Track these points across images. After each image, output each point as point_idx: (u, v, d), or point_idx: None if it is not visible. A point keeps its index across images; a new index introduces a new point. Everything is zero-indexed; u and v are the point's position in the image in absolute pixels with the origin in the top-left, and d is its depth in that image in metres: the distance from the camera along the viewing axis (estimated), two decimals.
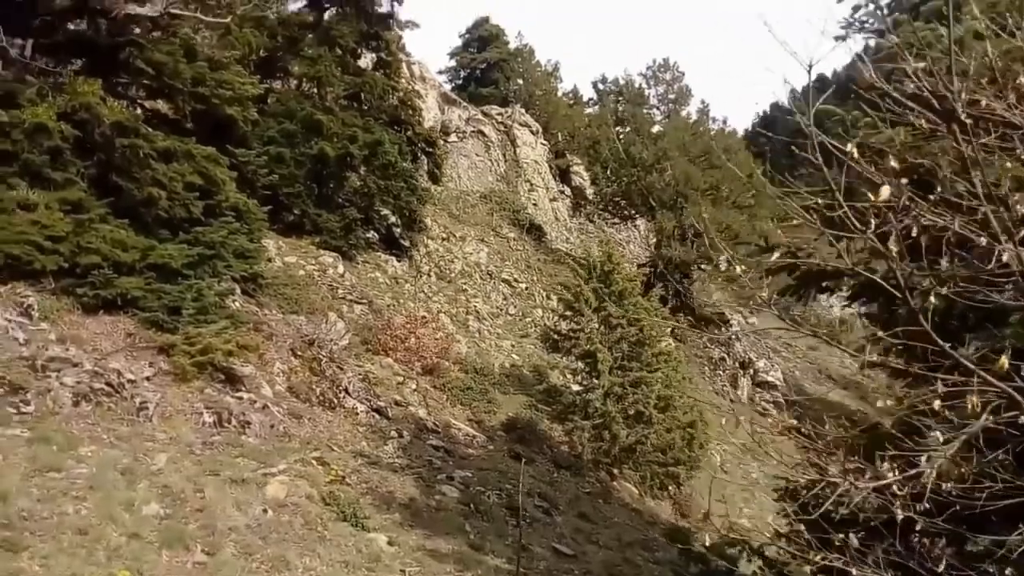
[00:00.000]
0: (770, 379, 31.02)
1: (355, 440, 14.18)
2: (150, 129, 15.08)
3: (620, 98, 33.42)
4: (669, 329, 20.67)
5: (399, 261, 25.06)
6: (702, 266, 30.24)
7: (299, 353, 15.51)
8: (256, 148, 20.29)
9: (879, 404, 4.97)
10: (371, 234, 24.89)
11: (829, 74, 40.36)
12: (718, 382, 30.20)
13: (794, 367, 39.34)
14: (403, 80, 28.91)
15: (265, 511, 9.83)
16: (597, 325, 18.46)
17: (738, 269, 4.33)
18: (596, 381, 18.49)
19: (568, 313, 19.38)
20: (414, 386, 17.83)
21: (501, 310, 26.70)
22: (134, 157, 14.47)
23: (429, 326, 20.03)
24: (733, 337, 33.13)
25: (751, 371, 31.10)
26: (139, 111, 16.66)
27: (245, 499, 9.92)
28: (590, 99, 55.73)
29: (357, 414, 15.13)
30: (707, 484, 20.36)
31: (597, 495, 16.42)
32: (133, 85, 16.79)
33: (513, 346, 24.00)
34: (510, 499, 13.76)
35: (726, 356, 31.72)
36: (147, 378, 12.37)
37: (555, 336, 19.79)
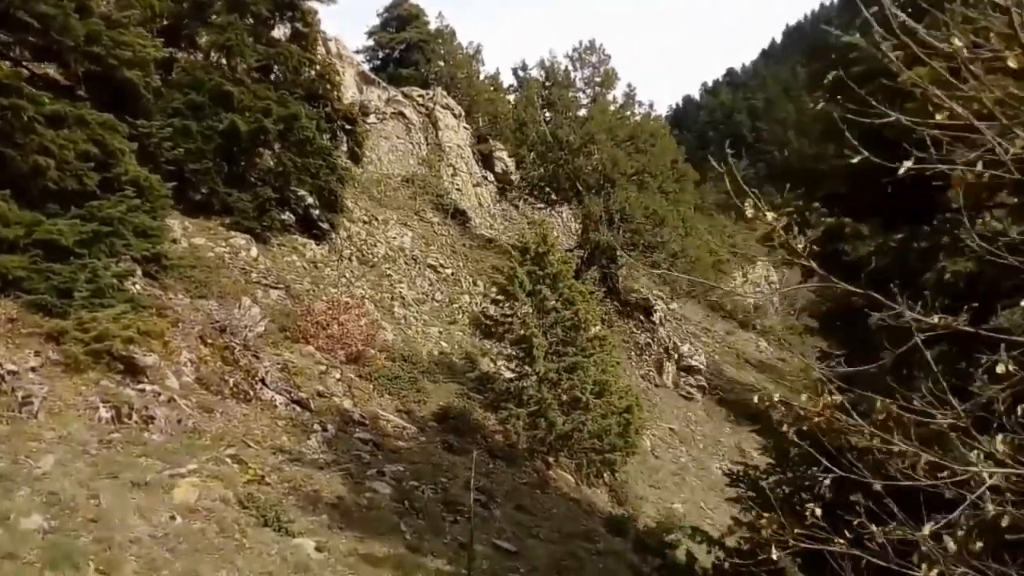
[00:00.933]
0: (694, 363, 31.11)
1: (274, 435, 12.95)
2: (36, 90, 13.36)
3: (546, 80, 32.68)
4: (607, 308, 20.12)
5: (318, 244, 23.63)
6: (629, 252, 29.96)
7: (209, 341, 14.11)
8: (160, 120, 18.65)
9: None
10: (287, 215, 23.36)
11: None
12: (644, 367, 30.06)
13: (713, 351, 39.86)
14: (320, 55, 27.34)
15: (173, 518, 8.60)
16: (531, 309, 17.73)
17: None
18: (530, 368, 17.79)
19: (501, 297, 18.56)
20: (338, 376, 16.63)
21: (428, 296, 25.65)
22: (17, 121, 12.73)
23: (352, 312, 18.81)
24: (658, 322, 33.16)
25: (676, 356, 31.11)
26: (24, 72, 14.86)
27: (149, 505, 8.66)
28: (511, 86, 54.99)
29: (276, 407, 13.88)
30: (640, 470, 20.04)
31: (534, 485, 15.70)
32: (17, 45, 14.93)
33: (441, 333, 23.02)
34: (446, 493, 12.88)
35: (651, 341, 31.64)
36: (32, 369, 10.82)
37: (487, 321, 18.94)
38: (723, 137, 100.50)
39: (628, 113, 31.39)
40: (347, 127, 26.41)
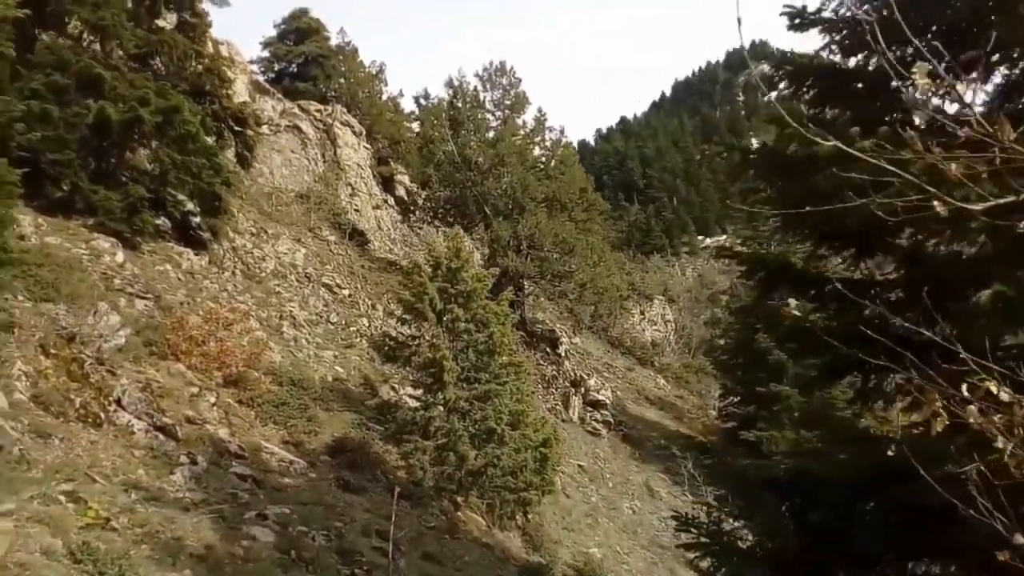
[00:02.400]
0: (601, 398, 29.97)
1: (129, 467, 10.49)
2: None
3: (455, 99, 31.29)
4: (514, 338, 18.53)
5: (197, 255, 20.93)
6: (537, 281, 28.71)
7: (53, 351, 11.49)
8: (14, 99, 15.97)
9: None
10: (162, 220, 20.57)
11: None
12: (551, 400, 28.63)
13: (616, 387, 39.09)
14: (208, 52, 24.86)
15: None
16: (442, 330, 15.94)
17: None
18: (439, 395, 15.95)
19: (407, 316, 16.68)
20: (213, 400, 14.16)
21: (321, 317, 23.32)
22: None
23: (234, 328, 16.40)
24: (563, 355, 31.97)
25: (582, 390, 29.88)
26: None
27: None
28: (411, 112, 53.39)
29: (133, 433, 11.38)
30: (552, 510, 18.41)
31: (443, 529, 13.72)
32: None
33: (336, 357, 20.74)
34: (342, 541, 10.77)
35: (557, 374, 30.34)
36: None
37: (390, 343, 16.98)
38: (617, 181, 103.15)
39: (539, 139, 30.42)
40: (236, 128, 24.00)
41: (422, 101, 43.43)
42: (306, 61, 47.55)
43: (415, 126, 48.07)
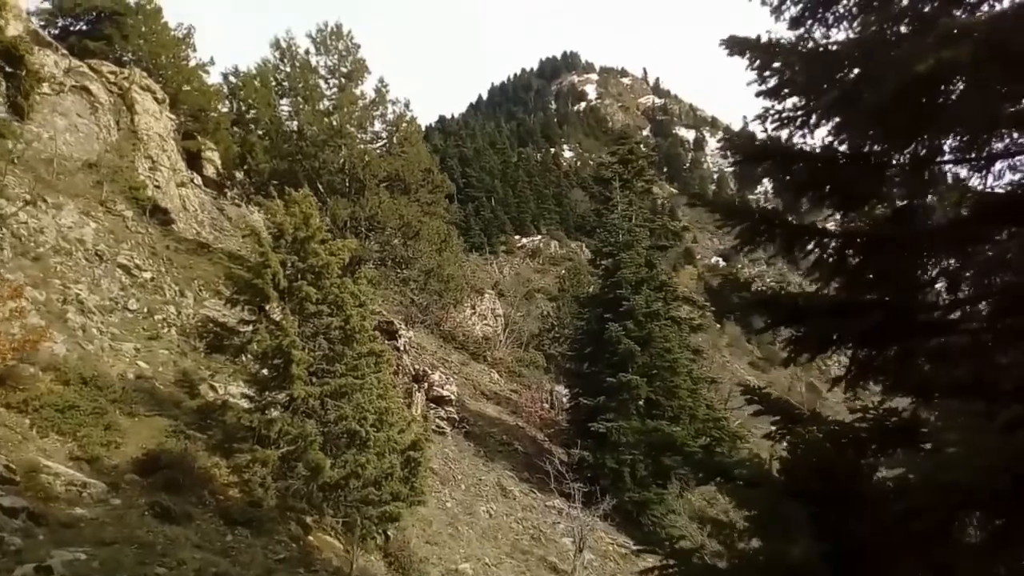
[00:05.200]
0: (445, 394, 27.77)
1: None
2: None
3: (283, 61, 27.57)
4: (374, 323, 15.77)
5: None
6: (379, 266, 25.92)
7: None
8: None
9: None
10: None
11: None
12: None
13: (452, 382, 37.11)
14: None
15: None
16: (289, 313, 12.98)
17: None
18: (277, 393, 13.00)
19: (240, 297, 13.46)
20: None
21: (117, 303, 19.05)
22: None
23: (2, 309, 12.36)
24: (403, 348, 29.45)
25: (425, 385, 27.51)
26: None
27: None
28: (220, 88, 47.82)
29: None
30: (411, 523, 15.92)
31: (295, 561, 10.81)
32: None
33: (139, 350, 16.78)
34: None
35: (397, 369, 27.69)
36: None
37: (217, 330, 13.68)
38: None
39: (380, 112, 27.55)
40: (7, 69, 19.17)
41: (232, 79, 37.89)
42: (99, 18, 41.20)
43: (223, 107, 42.72)
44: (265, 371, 12.94)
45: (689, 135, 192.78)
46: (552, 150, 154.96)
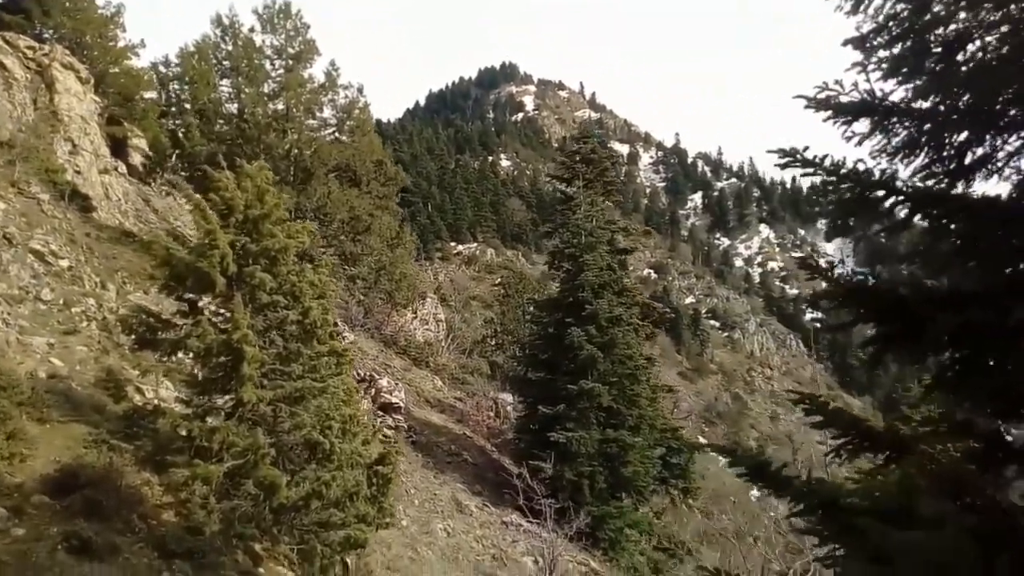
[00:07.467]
0: (394, 400, 25.90)
1: None
2: None
3: (224, 39, 25.33)
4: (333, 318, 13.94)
5: None
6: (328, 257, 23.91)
7: None
8: None
9: None
10: None
11: None
12: None
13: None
14: None
15: None
16: (240, 302, 11.08)
17: None
18: (221, 398, 11.09)
19: (175, 284, 11.45)
20: None
21: (28, 292, 16.60)
22: None
23: None
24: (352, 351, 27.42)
25: (373, 391, 25.59)
26: None
27: None
28: (148, 74, 44.55)
29: None
30: (373, 548, 14.07)
31: None
32: None
33: (53, 346, 14.45)
34: None
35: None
36: None
37: (151, 321, 11.62)
38: None
39: (329, 97, 25.58)
40: None
41: (162, 68, 34.45)
42: None
43: (152, 94, 39.56)
44: (210, 371, 10.98)
45: (623, 149, 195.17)
46: (490, 158, 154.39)
